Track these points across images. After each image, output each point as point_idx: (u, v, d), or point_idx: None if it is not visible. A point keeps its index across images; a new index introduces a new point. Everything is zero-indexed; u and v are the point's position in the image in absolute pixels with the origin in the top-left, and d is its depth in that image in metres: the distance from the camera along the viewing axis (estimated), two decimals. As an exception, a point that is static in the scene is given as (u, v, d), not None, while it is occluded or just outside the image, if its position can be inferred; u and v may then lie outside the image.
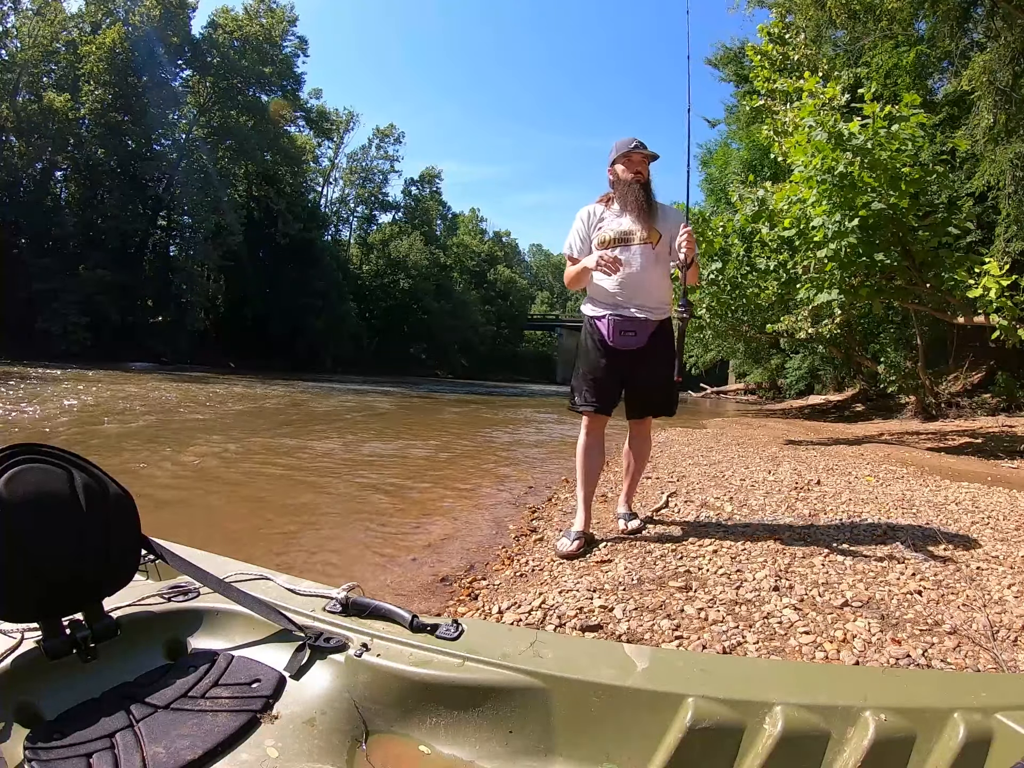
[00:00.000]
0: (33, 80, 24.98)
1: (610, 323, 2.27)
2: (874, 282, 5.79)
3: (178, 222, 30.34)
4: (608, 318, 2.27)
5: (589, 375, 2.34)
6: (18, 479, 0.78)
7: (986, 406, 10.07)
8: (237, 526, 2.89)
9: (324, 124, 38.63)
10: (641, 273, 2.25)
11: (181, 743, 0.69)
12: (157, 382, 13.43)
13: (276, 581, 1.02)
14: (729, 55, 18.43)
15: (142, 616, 0.90)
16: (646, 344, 2.27)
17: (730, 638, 1.51)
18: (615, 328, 2.26)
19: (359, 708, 0.78)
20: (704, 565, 2.06)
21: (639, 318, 2.26)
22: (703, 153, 23.31)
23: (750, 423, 10.95)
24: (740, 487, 3.55)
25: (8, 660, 0.77)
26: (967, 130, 9.70)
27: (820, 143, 5.09)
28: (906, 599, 1.76)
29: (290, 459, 4.72)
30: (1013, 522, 2.76)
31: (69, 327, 23.03)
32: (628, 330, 2.25)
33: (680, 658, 0.82)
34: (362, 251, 42.91)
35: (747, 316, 9.14)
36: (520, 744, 0.76)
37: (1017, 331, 4.97)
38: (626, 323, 2.25)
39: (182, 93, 29.64)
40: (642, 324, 2.26)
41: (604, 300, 2.31)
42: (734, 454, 5.37)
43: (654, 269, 2.29)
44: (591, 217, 2.36)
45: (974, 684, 0.76)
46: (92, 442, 4.99)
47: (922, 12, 10.05)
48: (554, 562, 2.20)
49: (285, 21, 32.32)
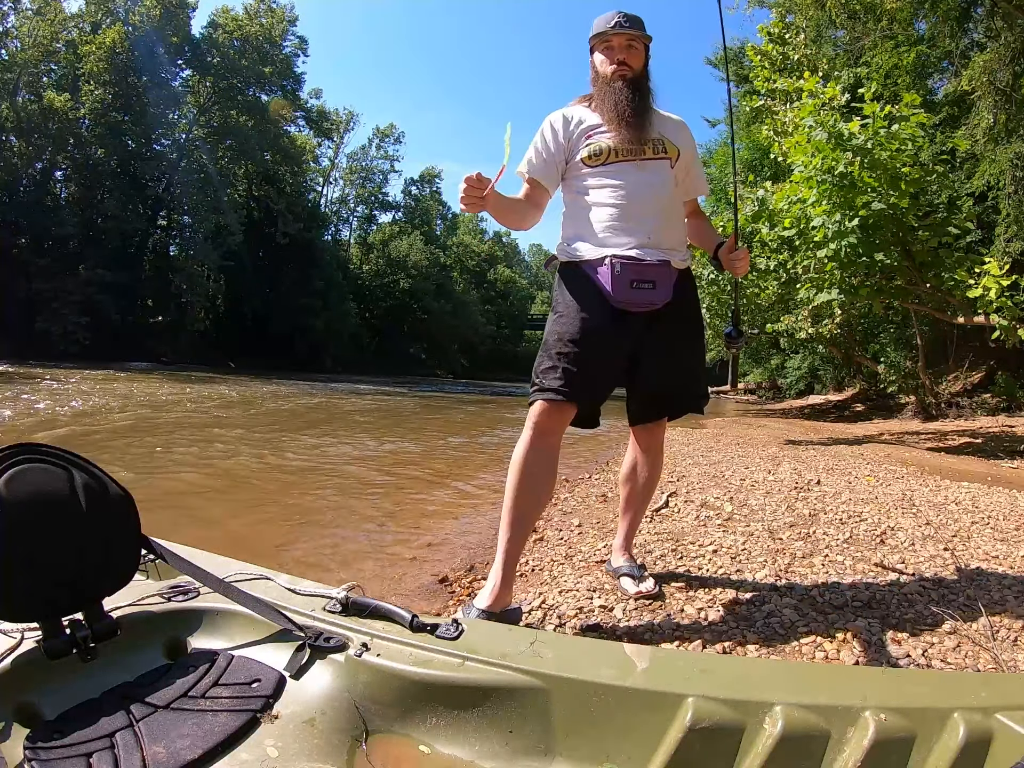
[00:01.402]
0: (33, 80, 24.99)
1: (614, 269, 1.49)
2: (874, 282, 5.80)
3: (178, 222, 30.35)
4: (611, 261, 1.50)
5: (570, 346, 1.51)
6: (18, 479, 0.78)
7: (986, 406, 10.07)
8: (237, 526, 2.89)
9: (324, 124, 38.64)
10: (663, 199, 1.58)
11: (181, 743, 0.70)
12: (157, 382, 13.43)
13: (276, 581, 1.02)
14: (729, 55, 18.43)
15: (142, 616, 0.90)
16: (671, 300, 1.55)
17: (730, 638, 1.51)
18: (623, 277, 1.49)
19: (359, 708, 0.78)
20: (704, 565, 2.06)
21: (659, 262, 1.52)
22: (703, 153, 23.35)
23: (750, 423, 10.95)
24: (740, 487, 3.55)
25: (8, 660, 0.77)
26: (967, 130, 9.71)
27: (820, 143, 5.09)
28: (906, 599, 1.76)
29: (290, 458, 4.72)
30: (1013, 522, 2.76)
31: (69, 327, 23.04)
32: (644, 280, 1.50)
33: (680, 658, 0.83)
34: (362, 251, 42.91)
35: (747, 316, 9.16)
36: (520, 744, 0.76)
37: (1017, 331, 4.97)
38: (641, 268, 1.50)
39: (182, 93, 29.67)
40: (663, 271, 1.52)
41: (602, 234, 1.55)
42: (734, 454, 5.37)
43: (675, 195, 1.64)
44: (569, 123, 1.61)
45: (974, 684, 0.76)
46: (91, 441, 4.99)
47: (922, 12, 10.06)
48: (554, 562, 2.20)
49: (285, 21, 32.34)
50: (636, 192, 1.55)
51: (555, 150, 1.60)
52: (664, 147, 1.60)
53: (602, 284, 1.52)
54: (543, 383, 1.53)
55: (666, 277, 1.53)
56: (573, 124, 1.61)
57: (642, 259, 1.51)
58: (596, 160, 1.57)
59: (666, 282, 1.53)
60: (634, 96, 1.58)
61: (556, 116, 1.63)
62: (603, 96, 1.60)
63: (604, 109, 1.59)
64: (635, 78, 1.61)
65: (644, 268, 1.51)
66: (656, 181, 1.58)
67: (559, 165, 1.62)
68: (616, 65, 1.59)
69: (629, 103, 1.56)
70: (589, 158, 1.57)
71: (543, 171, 1.61)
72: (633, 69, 1.61)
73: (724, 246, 1.64)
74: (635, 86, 1.59)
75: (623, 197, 1.55)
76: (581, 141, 1.59)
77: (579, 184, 1.61)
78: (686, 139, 1.68)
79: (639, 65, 1.63)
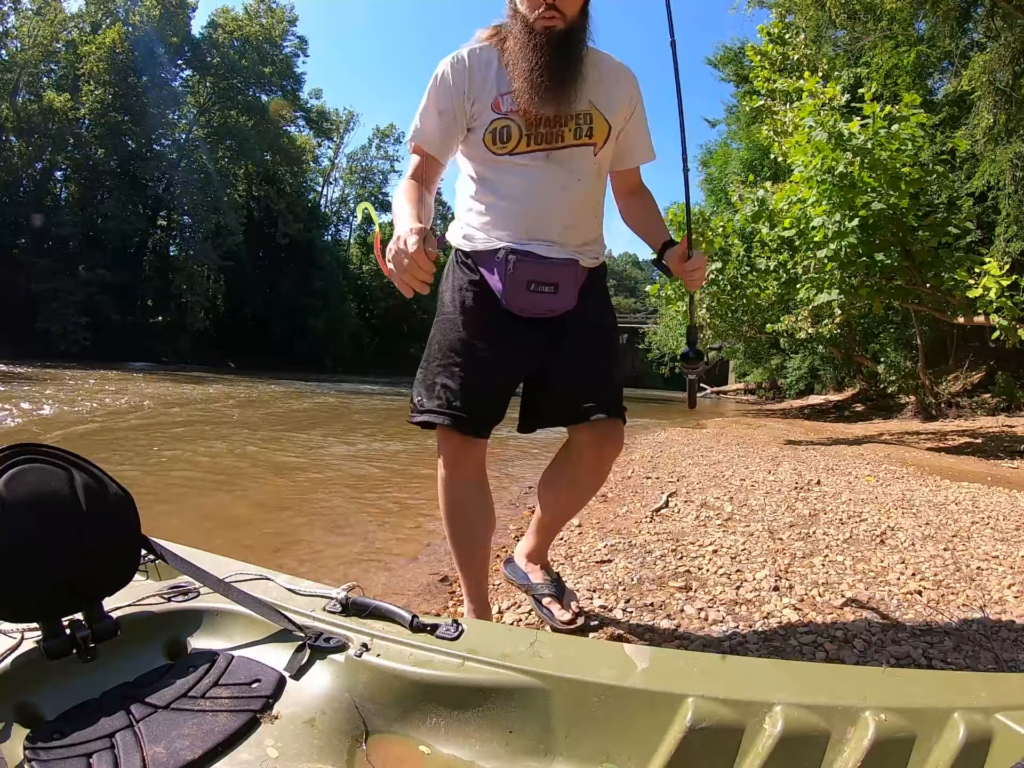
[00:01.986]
0: (33, 80, 25.00)
1: (508, 266, 1.22)
2: (874, 282, 5.80)
3: (178, 222, 30.36)
4: (504, 255, 1.22)
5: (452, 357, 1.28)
6: (18, 479, 0.78)
7: (986, 406, 10.08)
8: (237, 526, 2.89)
9: (324, 124, 38.65)
10: (578, 196, 1.26)
11: (181, 743, 0.69)
12: (157, 382, 13.43)
13: (276, 581, 1.02)
14: (729, 55, 18.47)
15: (142, 616, 0.90)
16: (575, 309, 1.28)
17: (730, 638, 1.51)
18: (518, 277, 1.22)
19: (359, 708, 0.78)
20: (704, 565, 2.06)
21: (565, 261, 1.25)
22: (703, 153, 23.38)
23: (750, 423, 10.95)
24: (740, 487, 3.55)
25: (8, 660, 0.77)
26: (967, 130, 9.72)
27: (820, 143, 5.10)
28: (906, 599, 1.76)
29: (290, 458, 4.72)
30: (1013, 522, 2.76)
31: (69, 327, 23.06)
32: (544, 282, 1.23)
33: (680, 658, 0.82)
34: (362, 251, 42.91)
35: (747, 316, 9.16)
36: (520, 744, 0.76)
37: (1017, 331, 4.98)
38: (542, 269, 1.23)
39: (182, 93, 29.68)
40: (568, 273, 1.25)
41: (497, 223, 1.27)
42: (734, 454, 5.38)
43: (594, 187, 1.30)
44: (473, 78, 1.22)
45: (974, 684, 0.76)
46: (91, 441, 4.99)
47: (922, 12, 10.07)
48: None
49: (285, 21, 32.35)
50: (546, 190, 1.24)
51: (457, 115, 1.23)
52: (591, 126, 1.24)
53: (493, 283, 1.26)
54: (421, 403, 1.30)
55: (571, 280, 1.25)
56: (477, 82, 1.22)
57: (544, 256, 1.24)
58: (501, 148, 1.23)
59: (571, 286, 1.25)
60: (559, 58, 1.17)
61: (456, 65, 1.23)
62: (518, 52, 1.18)
63: (516, 71, 1.19)
64: (567, 30, 1.18)
65: (545, 268, 1.23)
66: (572, 175, 1.25)
67: (459, 134, 1.26)
68: (543, 7, 1.15)
69: (549, 69, 1.16)
70: (493, 143, 1.23)
71: (439, 143, 1.25)
72: (566, 15, 1.17)
73: (674, 249, 1.29)
74: (565, 42, 1.18)
75: (529, 193, 1.24)
76: (486, 111, 1.22)
77: (477, 166, 1.29)
78: (624, 98, 1.29)
79: (575, 8, 1.18)
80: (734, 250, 7.17)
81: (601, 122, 1.25)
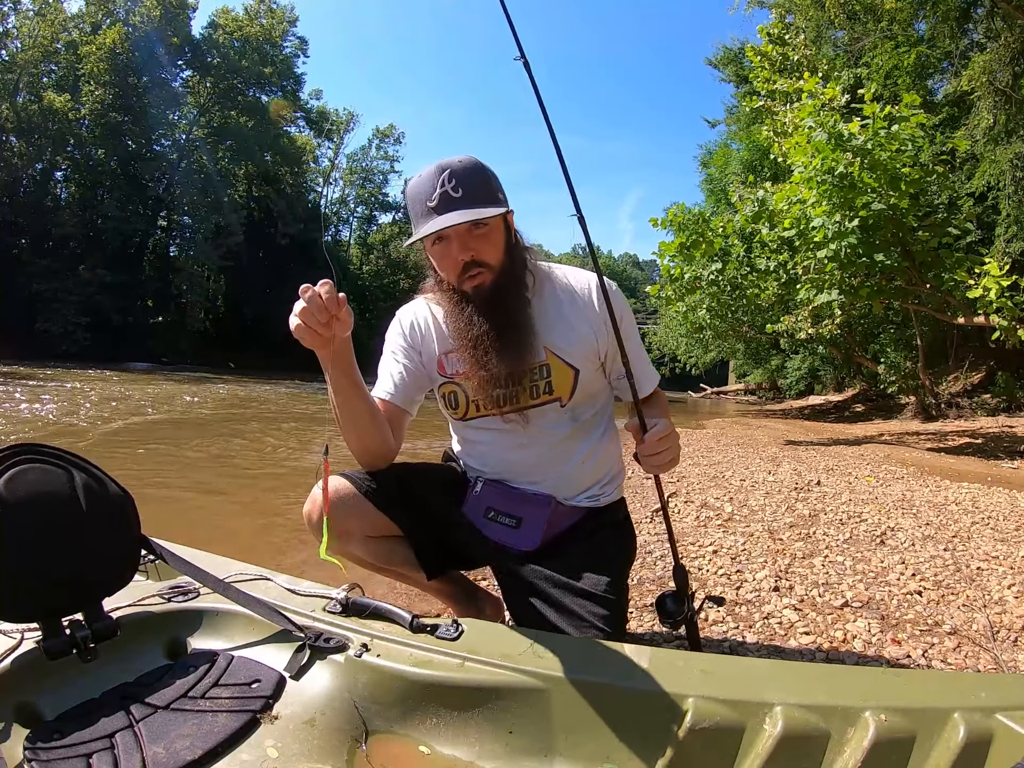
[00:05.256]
0: (33, 80, 25.03)
1: (474, 487, 1.18)
2: (874, 282, 5.80)
3: (178, 222, 30.40)
4: (475, 480, 1.19)
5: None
6: (18, 479, 0.78)
7: (986, 406, 10.08)
8: (237, 526, 2.89)
9: (324, 124, 38.70)
10: (543, 453, 1.15)
11: (181, 743, 0.70)
12: (157, 382, 13.43)
13: (276, 581, 1.02)
14: (729, 55, 18.46)
15: (142, 616, 0.90)
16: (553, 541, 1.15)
17: (730, 638, 1.51)
18: (479, 502, 1.17)
19: (359, 708, 0.78)
20: (704, 565, 2.06)
21: (538, 496, 1.15)
22: (703, 154, 23.37)
23: (750, 423, 10.95)
24: (740, 487, 3.55)
25: (8, 660, 0.77)
26: (967, 130, 9.72)
27: (820, 144, 5.10)
28: (906, 599, 1.76)
29: (291, 458, 4.72)
30: (1013, 522, 2.76)
31: (69, 327, 23.10)
32: (506, 514, 1.14)
33: (680, 658, 0.82)
34: (362, 251, 42.91)
35: (747, 316, 9.17)
36: (520, 744, 0.76)
37: (1017, 331, 4.97)
38: (507, 499, 1.16)
39: (182, 93, 29.73)
40: (538, 511, 1.14)
41: (474, 460, 1.23)
42: (734, 454, 5.38)
43: (575, 435, 1.16)
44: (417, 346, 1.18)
45: (974, 684, 0.76)
46: (91, 441, 4.99)
47: (922, 12, 10.08)
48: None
49: (285, 22, 32.40)
50: (505, 449, 1.16)
51: (417, 373, 1.17)
52: (548, 380, 1.10)
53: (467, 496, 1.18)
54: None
55: (539, 518, 1.12)
56: (424, 352, 1.17)
57: (514, 487, 1.15)
58: (454, 413, 1.18)
59: (537, 525, 1.12)
60: (498, 316, 1.05)
61: (404, 331, 1.19)
62: (451, 317, 1.09)
63: (456, 340, 1.10)
64: (499, 282, 1.05)
65: (511, 500, 1.14)
66: (538, 434, 1.13)
67: (423, 388, 1.19)
68: (461, 268, 1.03)
69: (489, 335, 1.04)
70: (446, 407, 1.19)
71: (403, 395, 1.16)
72: (492, 265, 1.05)
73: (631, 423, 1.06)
74: (500, 296, 1.05)
75: (493, 449, 1.17)
76: (433, 372, 1.17)
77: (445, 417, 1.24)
78: (588, 332, 1.11)
79: (498, 254, 1.05)
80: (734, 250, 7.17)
81: (563, 370, 1.11)
